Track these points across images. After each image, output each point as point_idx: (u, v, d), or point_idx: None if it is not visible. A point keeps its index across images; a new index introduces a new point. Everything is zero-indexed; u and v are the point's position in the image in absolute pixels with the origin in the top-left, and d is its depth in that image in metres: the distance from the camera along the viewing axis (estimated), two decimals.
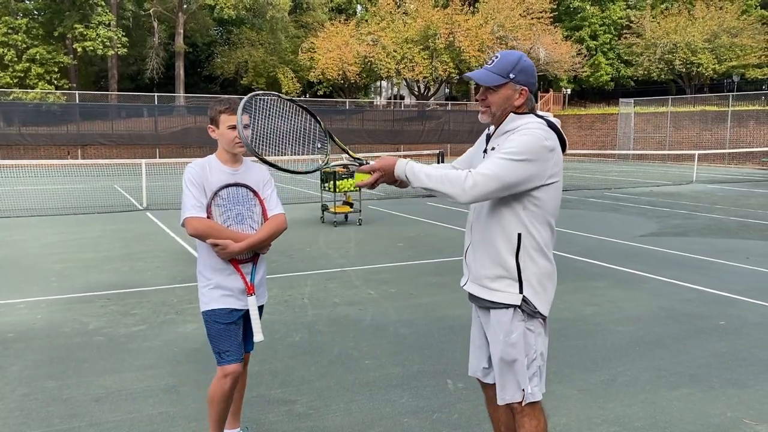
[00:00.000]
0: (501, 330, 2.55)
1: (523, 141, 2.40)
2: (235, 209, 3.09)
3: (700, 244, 9.41)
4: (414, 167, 2.49)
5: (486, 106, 2.54)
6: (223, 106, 3.05)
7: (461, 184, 2.38)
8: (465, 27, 37.55)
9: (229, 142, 3.05)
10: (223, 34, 49.07)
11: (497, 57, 2.51)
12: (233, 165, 3.12)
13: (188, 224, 2.99)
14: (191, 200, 2.99)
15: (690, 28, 38.22)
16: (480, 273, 2.59)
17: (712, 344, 5.03)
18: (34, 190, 17.31)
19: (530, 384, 2.56)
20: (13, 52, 33.14)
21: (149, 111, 33.89)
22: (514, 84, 2.48)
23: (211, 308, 3.07)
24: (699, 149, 27.91)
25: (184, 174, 3.06)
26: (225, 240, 2.99)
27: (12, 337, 5.19)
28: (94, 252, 8.79)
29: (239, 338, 3.14)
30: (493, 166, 2.38)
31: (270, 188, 3.22)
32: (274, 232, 3.14)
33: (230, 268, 3.06)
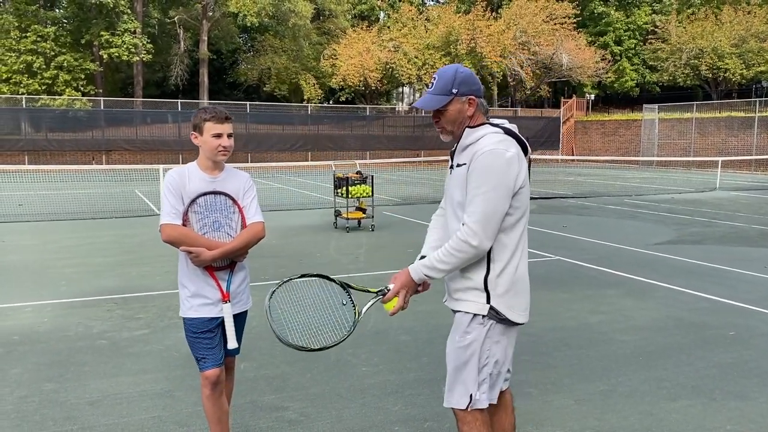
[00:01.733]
0: (457, 330, 2.59)
1: (486, 167, 2.41)
2: (212, 216, 3.10)
3: (717, 252, 9.22)
4: (425, 264, 2.53)
5: (441, 126, 2.58)
6: (208, 114, 3.05)
7: (469, 245, 2.41)
8: (487, 33, 37.45)
9: (212, 149, 3.06)
10: (246, 41, 49.62)
11: (435, 78, 2.55)
12: (212, 172, 3.13)
13: (162, 231, 3.02)
14: (167, 207, 3.03)
15: (717, 33, 37.62)
16: (451, 287, 2.64)
17: (717, 355, 4.92)
18: (56, 194, 17.62)
19: (478, 390, 2.55)
20: (42, 60, 33.83)
21: (173, 117, 34.33)
22: (459, 97, 2.52)
23: (188, 317, 3.10)
24: (724, 156, 27.43)
25: (163, 181, 3.08)
26: (198, 248, 3.00)
27: (17, 339, 5.27)
28: (106, 256, 8.90)
29: (217, 344, 3.14)
30: (478, 207, 2.41)
31: (250, 196, 3.20)
32: (250, 240, 3.13)
33: (206, 276, 3.07)
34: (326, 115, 39.47)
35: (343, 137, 36.70)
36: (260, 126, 34.90)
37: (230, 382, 3.41)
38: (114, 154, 31.74)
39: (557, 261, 8.55)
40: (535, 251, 9.12)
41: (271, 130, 35.11)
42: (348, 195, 11.03)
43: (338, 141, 36.27)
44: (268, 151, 33.81)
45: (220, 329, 3.15)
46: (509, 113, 42.44)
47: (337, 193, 11.48)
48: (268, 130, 34.98)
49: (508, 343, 2.61)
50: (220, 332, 3.15)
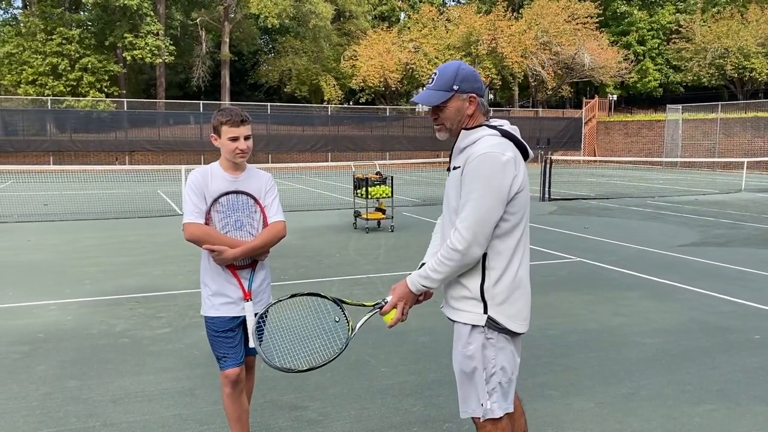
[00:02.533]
0: (459, 341, 2.53)
1: (479, 171, 2.33)
2: (234, 216, 3.13)
3: (742, 254, 9.07)
4: (421, 274, 2.48)
5: (440, 123, 2.52)
6: (224, 117, 3.07)
7: (458, 252, 2.35)
8: (508, 33, 37.29)
9: (230, 152, 3.08)
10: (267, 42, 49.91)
11: (436, 74, 2.49)
12: (234, 172, 3.16)
13: (185, 230, 3.06)
14: (190, 206, 3.06)
15: (743, 32, 37.06)
16: (448, 293, 2.57)
17: (742, 359, 4.83)
18: (80, 194, 17.87)
19: (489, 400, 2.48)
20: (67, 62, 34.34)
21: (195, 118, 34.66)
22: (460, 94, 2.47)
23: (210, 315, 3.13)
24: (750, 157, 26.99)
25: (187, 180, 3.12)
26: (220, 246, 3.02)
27: (41, 337, 5.35)
28: (129, 255, 9.00)
29: (237, 344, 3.17)
30: (469, 213, 2.34)
31: (272, 196, 3.23)
32: (271, 239, 3.16)
33: (228, 274, 3.09)
34: (346, 115, 39.57)
35: (363, 138, 36.76)
36: (281, 127, 35.10)
37: (250, 381, 3.43)
38: (137, 154, 32.12)
39: (579, 263, 8.48)
40: (556, 253, 9.05)
41: (292, 131, 35.29)
42: (368, 196, 11.04)
43: (358, 142, 36.34)
44: (289, 152, 34.00)
45: (241, 328, 3.17)
46: (530, 113, 42.21)
47: (357, 194, 11.50)
48: (289, 131, 35.16)
49: (514, 349, 2.54)
50: (241, 331, 3.18)
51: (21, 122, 31.88)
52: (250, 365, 3.38)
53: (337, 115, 38.65)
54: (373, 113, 40.14)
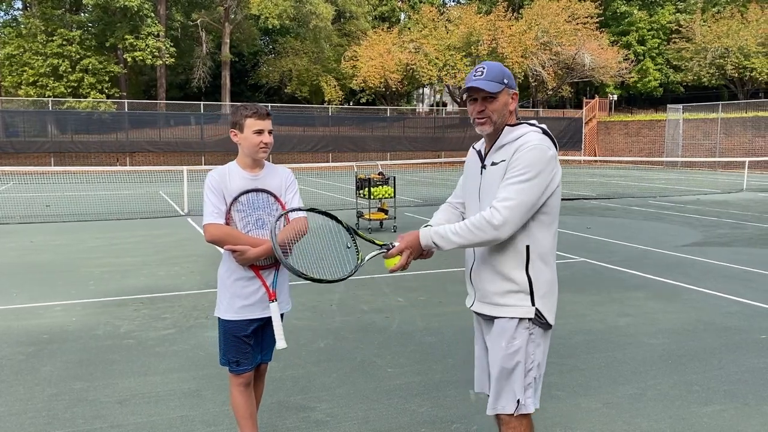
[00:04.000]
0: (503, 337, 2.52)
1: (531, 158, 2.41)
2: (255, 214, 3.08)
3: (746, 254, 9.06)
4: (438, 231, 2.47)
5: (485, 116, 2.52)
6: (249, 110, 3.05)
7: (491, 226, 2.36)
8: (508, 33, 37.28)
9: (253, 146, 3.05)
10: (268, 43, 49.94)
11: (485, 68, 2.52)
12: (253, 170, 3.12)
13: (206, 231, 3.02)
14: (210, 207, 3.01)
15: (743, 32, 37.05)
16: (488, 289, 2.55)
17: (749, 359, 4.82)
18: (82, 195, 17.86)
19: (524, 395, 2.52)
20: (68, 63, 34.36)
21: (196, 119, 34.68)
22: (508, 89, 2.52)
23: (228, 318, 3.08)
24: (751, 156, 26.99)
25: (205, 181, 3.08)
26: (242, 246, 2.98)
27: (46, 338, 5.34)
28: (133, 256, 8.99)
29: (252, 348, 3.14)
30: (513, 194, 2.37)
31: (292, 192, 3.19)
32: (294, 236, 3.11)
33: (250, 275, 3.05)
34: (347, 116, 39.57)
35: (364, 138, 36.76)
36: (282, 127, 35.08)
37: (260, 386, 3.39)
38: (138, 155, 32.12)
39: (583, 263, 8.47)
40: (559, 253, 9.04)
41: (293, 132, 35.27)
42: (370, 196, 11.03)
43: (359, 142, 36.34)
44: (290, 153, 33.99)
45: (258, 333, 3.13)
46: (530, 113, 42.19)
47: (359, 194, 11.49)
48: (290, 131, 35.15)
49: (546, 346, 2.58)
50: (258, 336, 3.14)
51: (22, 123, 31.90)
52: (262, 372, 3.34)
53: (337, 116, 38.64)
54: (374, 114, 40.15)
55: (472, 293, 2.67)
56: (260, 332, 3.15)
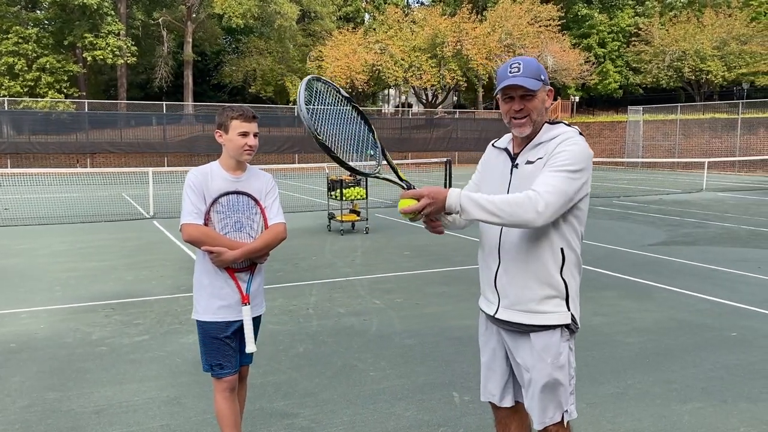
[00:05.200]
0: (549, 353, 2.40)
1: (576, 152, 2.32)
2: (234, 217, 3.05)
3: (711, 253, 9.29)
4: (470, 195, 2.26)
5: (524, 115, 2.38)
6: (236, 112, 3.02)
7: (533, 206, 2.20)
8: (473, 35, 37.56)
9: (238, 148, 3.01)
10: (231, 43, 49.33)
11: (520, 63, 2.38)
12: (235, 172, 3.08)
13: (184, 231, 2.97)
14: (189, 207, 2.97)
15: (699, 36, 38.08)
16: (523, 296, 2.42)
17: (723, 357, 4.93)
18: (42, 198, 17.36)
19: (569, 402, 2.48)
20: (24, 62, 33.40)
21: (158, 119, 34.04)
22: (544, 86, 2.42)
23: (206, 320, 3.03)
24: (709, 157, 27.73)
25: (185, 180, 3.03)
26: (219, 247, 2.94)
27: (14, 347, 5.16)
28: (100, 261, 8.77)
29: (234, 351, 3.09)
30: (556, 182, 2.25)
31: (273, 197, 3.17)
32: (271, 241, 3.08)
33: (226, 276, 3.01)
34: None
35: None
36: None
37: (243, 391, 3.33)
38: (98, 156, 31.39)
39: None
40: None
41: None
42: (342, 197, 10.98)
43: None
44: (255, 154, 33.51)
45: (238, 335, 3.08)
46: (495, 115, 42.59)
47: (331, 196, 11.42)
48: None
49: None
50: (238, 338, 3.09)
51: None
52: (243, 375, 3.28)
53: None
54: None
55: (494, 300, 2.50)
56: (240, 333, 3.09)
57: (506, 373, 2.62)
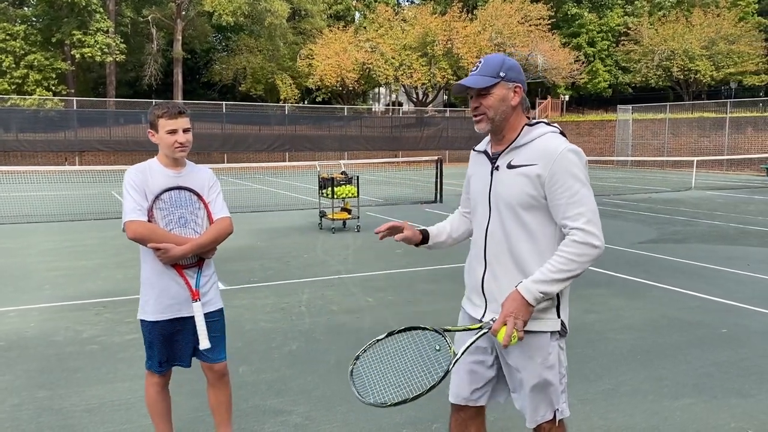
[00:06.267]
0: (539, 354, 2.40)
1: (578, 167, 2.28)
2: (178, 212, 3.02)
3: (700, 251, 9.35)
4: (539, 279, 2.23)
5: (481, 113, 2.38)
6: (161, 110, 2.99)
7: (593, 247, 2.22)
8: (463, 34, 37.62)
9: (169, 146, 2.99)
10: (221, 40, 49.15)
11: (481, 62, 2.39)
12: (175, 168, 3.07)
13: (128, 228, 2.93)
14: (131, 204, 2.93)
15: (687, 35, 38.30)
16: None
17: (714, 353, 4.97)
18: (30, 196, 17.22)
19: (560, 401, 2.48)
20: (11, 59, 33.10)
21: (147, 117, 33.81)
22: (506, 82, 2.36)
23: (153, 320, 3.02)
24: (697, 156, 27.92)
25: (124, 179, 3.00)
26: (166, 244, 2.91)
27: (3, 345, 5.11)
28: (89, 259, 8.71)
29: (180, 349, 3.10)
30: (584, 208, 2.24)
31: (216, 192, 3.14)
32: (218, 235, 3.06)
33: (173, 273, 2.99)
34: (303, 115, 39.26)
35: (321, 138, 36.54)
36: (236, 126, 34.58)
37: (226, 389, 3.27)
38: (87, 154, 31.18)
39: None
40: None
41: (248, 131, 34.77)
42: (333, 195, 10.96)
43: (316, 141, 36.09)
44: (245, 152, 33.51)
45: (184, 332, 3.07)
46: None
47: (323, 194, 11.40)
48: (245, 130, 34.64)
49: None
50: (186, 335, 3.08)
51: None
52: (223, 373, 3.23)
53: (293, 115, 38.31)
54: (330, 113, 39.96)
55: (481, 303, 2.49)
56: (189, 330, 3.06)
57: (491, 372, 2.57)
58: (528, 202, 2.32)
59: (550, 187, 2.28)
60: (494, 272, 2.43)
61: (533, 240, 2.36)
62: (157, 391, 3.15)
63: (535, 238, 2.35)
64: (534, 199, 2.31)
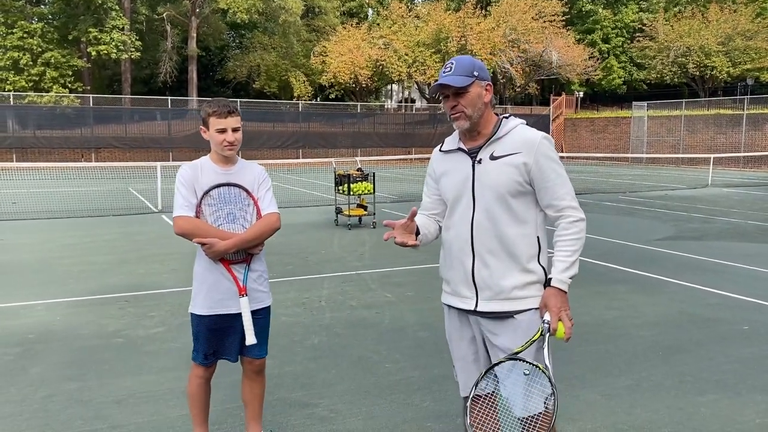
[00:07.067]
0: (533, 330, 2.51)
1: (554, 153, 2.54)
2: (226, 208, 3.07)
3: (718, 248, 9.30)
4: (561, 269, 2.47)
5: (459, 111, 2.51)
6: (212, 108, 3.03)
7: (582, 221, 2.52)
8: (477, 30, 37.52)
9: (218, 144, 3.04)
10: (235, 38, 49.38)
11: (453, 63, 2.51)
12: (225, 165, 3.11)
13: (175, 223, 3.01)
14: (180, 200, 3.00)
15: (704, 31, 37.95)
16: (505, 285, 2.50)
17: (736, 349, 4.96)
18: (48, 192, 17.42)
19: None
20: (29, 56, 33.44)
21: (162, 114, 34.07)
22: (479, 81, 2.51)
23: (202, 314, 3.08)
24: (713, 153, 27.69)
25: (177, 175, 3.06)
26: (211, 239, 2.96)
27: (32, 338, 5.20)
28: (110, 254, 8.81)
29: (229, 344, 3.15)
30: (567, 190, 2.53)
31: (265, 188, 3.17)
32: (264, 230, 3.10)
33: (222, 269, 3.04)
34: (317, 112, 39.35)
35: (335, 135, 36.62)
36: (250, 123, 34.66)
37: (262, 384, 3.35)
38: (103, 151, 31.45)
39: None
40: None
41: (262, 128, 34.91)
42: (350, 192, 11.01)
43: (329, 138, 36.18)
44: (260, 149, 33.65)
45: (233, 327, 3.11)
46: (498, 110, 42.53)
47: (339, 191, 11.45)
48: (259, 127, 34.78)
49: None
50: (234, 330, 3.12)
51: None
52: (260, 369, 3.29)
53: (307, 112, 38.41)
54: (344, 110, 40.01)
55: (471, 295, 2.57)
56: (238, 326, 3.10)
57: (487, 359, 2.64)
58: (516, 189, 2.48)
59: (537, 173, 2.48)
60: (484, 261, 2.53)
61: (521, 224, 2.51)
62: (199, 384, 3.20)
63: (522, 223, 2.52)
64: (521, 185, 2.48)
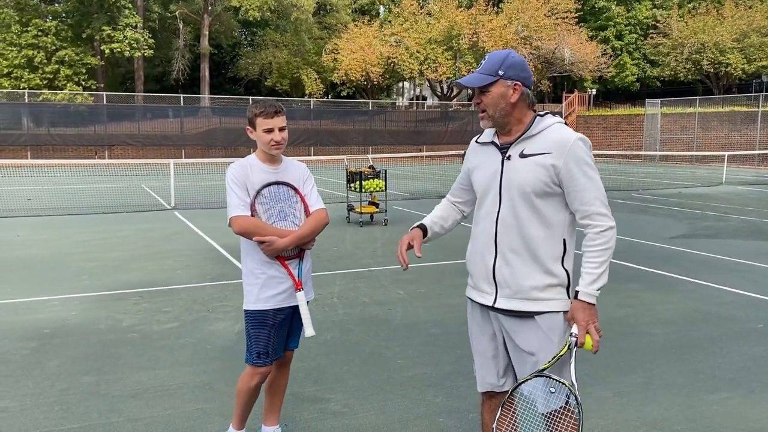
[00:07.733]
0: (555, 333, 2.46)
1: (587, 153, 2.44)
2: (278, 206, 3.13)
3: (733, 246, 9.24)
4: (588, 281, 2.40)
5: (482, 110, 2.47)
6: (258, 108, 3.07)
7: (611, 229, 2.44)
8: (489, 27, 37.40)
9: (265, 144, 3.08)
10: (247, 35, 49.52)
11: (485, 59, 2.48)
12: (272, 164, 3.17)
13: (234, 223, 3.03)
14: (235, 200, 3.04)
15: (718, 28, 37.63)
16: (524, 285, 2.46)
17: (750, 348, 4.94)
18: (62, 189, 17.58)
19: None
20: (43, 54, 33.72)
21: (175, 112, 34.23)
22: (504, 80, 2.42)
23: (257, 309, 3.10)
24: (728, 151, 27.46)
25: (226, 175, 3.10)
26: (271, 237, 3.01)
27: (48, 333, 5.27)
28: (123, 251, 8.89)
29: (279, 339, 3.18)
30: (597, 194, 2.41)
31: (310, 185, 3.26)
32: (317, 226, 3.18)
33: (277, 265, 3.09)
34: (328, 110, 39.40)
35: (346, 132, 36.65)
36: None
37: (286, 374, 3.42)
38: (116, 149, 31.66)
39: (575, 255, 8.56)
40: None
41: None
42: (361, 189, 11.03)
43: (341, 136, 36.23)
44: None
45: (285, 322, 3.17)
46: None
47: (350, 188, 11.47)
48: None
49: None
50: (284, 325, 3.17)
51: None
52: (288, 360, 3.36)
53: (318, 109, 38.47)
54: (355, 107, 40.04)
55: (491, 291, 2.54)
56: (287, 320, 3.19)
57: (506, 356, 2.63)
58: (543, 189, 2.41)
59: (566, 175, 2.39)
60: (506, 258, 2.49)
61: (546, 225, 2.45)
62: (254, 384, 3.18)
63: (548, 224, 2.45)
64: (548, 186, 2.41)
